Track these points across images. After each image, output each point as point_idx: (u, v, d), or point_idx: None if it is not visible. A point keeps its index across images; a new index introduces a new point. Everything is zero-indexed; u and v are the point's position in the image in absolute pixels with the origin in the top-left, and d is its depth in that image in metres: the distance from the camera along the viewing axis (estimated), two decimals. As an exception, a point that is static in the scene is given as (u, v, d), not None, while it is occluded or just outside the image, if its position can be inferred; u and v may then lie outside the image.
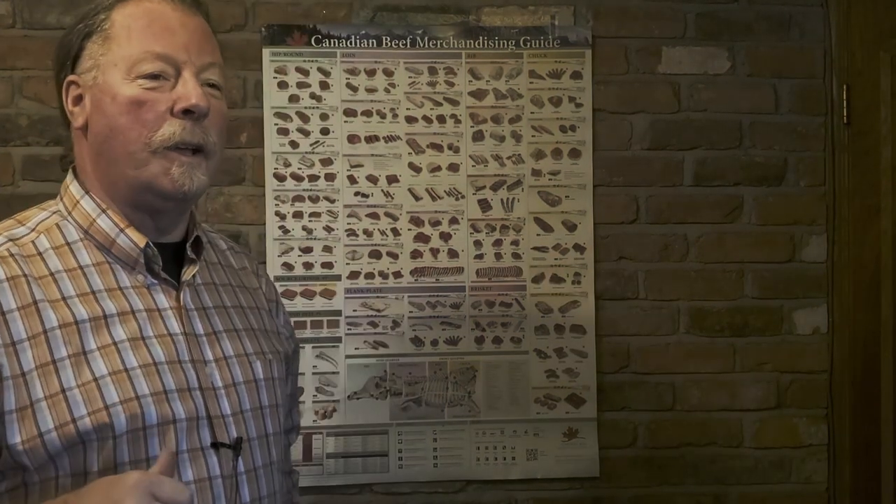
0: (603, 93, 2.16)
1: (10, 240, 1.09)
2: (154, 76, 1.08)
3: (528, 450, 2.13)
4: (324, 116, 2.11)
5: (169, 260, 1.15)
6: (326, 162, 2.11)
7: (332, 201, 2.11)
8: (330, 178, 2.11)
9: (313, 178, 2.11)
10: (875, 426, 2.11)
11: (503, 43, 2.14)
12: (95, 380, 1.03)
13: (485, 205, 2.14)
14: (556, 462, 2.13)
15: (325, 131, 2.11)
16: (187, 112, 1.08)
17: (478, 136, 2.14)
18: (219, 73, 1.15)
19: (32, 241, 1.10)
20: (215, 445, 1.10)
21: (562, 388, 2.14)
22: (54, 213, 1.15)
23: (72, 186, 1.17)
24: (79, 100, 1.13)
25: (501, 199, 2.14)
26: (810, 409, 2.20)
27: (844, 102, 2.17)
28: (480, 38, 2.14)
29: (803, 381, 2.20)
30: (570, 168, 2.15)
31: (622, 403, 2.16)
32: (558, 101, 2.15)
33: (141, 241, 1.11)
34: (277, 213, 2.09)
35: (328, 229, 2.11)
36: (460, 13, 2.15)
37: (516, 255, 2.14)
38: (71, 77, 1.13)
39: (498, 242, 2.14)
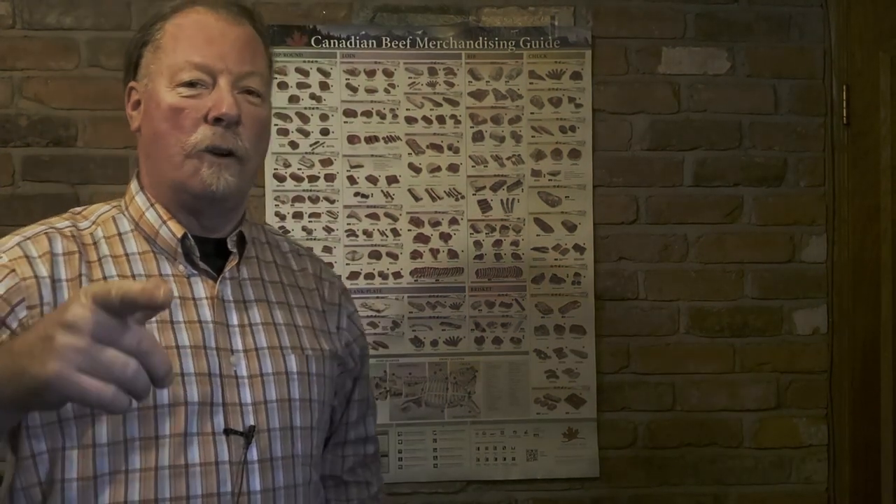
0: (603, 93, 2.16)
1: (74, 226, 1.20)
2: (191, 84, 1.15)
3: (528, 450, 2.13)
4: (324, 117, 2.11)
5: (214, 253, 1.21)
6: (326, 162, 2.11)
7: (332, 202, 2.11)
8: (330, 178, 2.11)
9: (313, 178, 2.11)
10: (875, 426, 2.11)
11: (503, 43, 2.14)
12: None
13: (485, 205, 2.14)
14: (556, 462, 2.13)
15: (324, 132, 2.11)
16: (218, 119, 1.14)
17: (478, 137, 2.14)
18: (258, 82, 1.19)
19: (91, 233, 1.19)
20: (227, 432, 1.12)
21: (562, 389, 2.14)
22: (114, 206, 1.24)
23: (132, 184, 1.25)
24: (137, 105, 1.22)
25: (501, 200, 2.14)
26: (810, 409, 2.20)
27: (844, 103, 2.17)
28: (480, 38, 2.14)
29: (803, 382, 2.20)
30: (570, 168, 2.15)
31: (622, 403, 2.16)
32: (558, 102, 2.15)
33: (179, 231, 1.18)
34: (277, 214, 2.09)
35: (328, 230, 2.11)
36: (460, 14, 2.15)
37: (516, 256, 2.14)
38: (131, 83, 1.22)
39: (498, 243, 2.14)
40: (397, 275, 2.12)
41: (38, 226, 1.18)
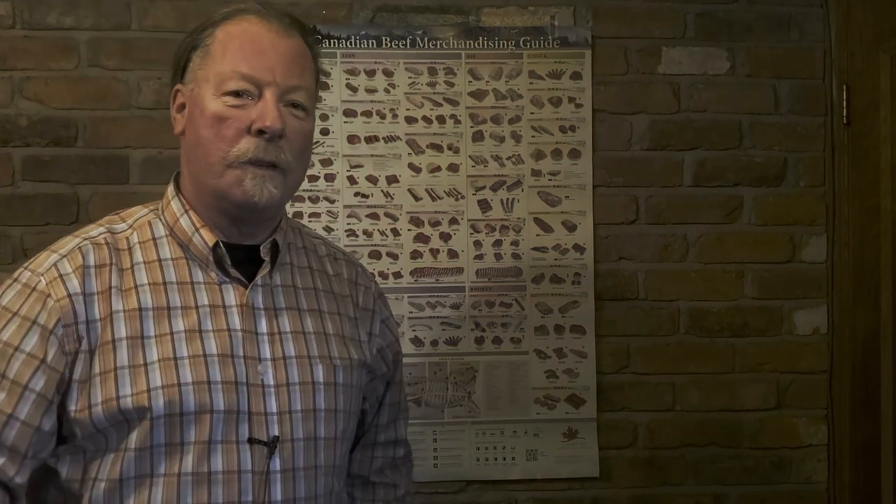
0: (603, 93, 2.16)
1: (110, 231, 1.21)
2: (237, 94, 1.15)
3: (527, 450, 2.13)
4: (324, 117, 2.11)
5: (248, 260, 1.22)
6: (326, 162, 2.11)
7: (332, 202, 2.11)
8: (330, 178, 2.11)
9: (313, 178, 2.11)
10: (875, 426, 2.11)
11: (503, 43, 2.14)
12: (145, 364, 1.12)
13: (485, 205, 2.14)
14: (555, 462, 2.13)
15: (324, 132, 2.11)
16: (261, 132, 1.14)
17: (477, 137, 2.14)
18: (304, 96, 1.21)
19: (126, 237, 1.21)
20: (250, 441, 1.14)
21: (562, 389, 2.14)
22: (152, 210, 1.25)
23: (169, 187, 1.25)
24: (182, 108, 1.22)
25: (501, 200, 2.14)
26: (810, 409, 2.20)
27: (844, 102, 2.17)
28: (480, 38, 2.14)
29: (803, 382, 2.20)
30: (570, 168, 2.15)
31: (622, 403, 2.16)
32: (558, 102, 2.15)
33: (211, 240, 1.19)
34: (277, 214, 2.09)
35: (328, 230, 2.11)
36: (460, 13, 2.15)
37: (516, 256, 2.14)
38: (178, 86, 1.22)
39: (498, 243, 2.14)
40: (397, 275, 2.12)
41: (73, 238, 1.19)
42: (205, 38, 1.19)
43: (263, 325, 1.19)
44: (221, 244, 1.19)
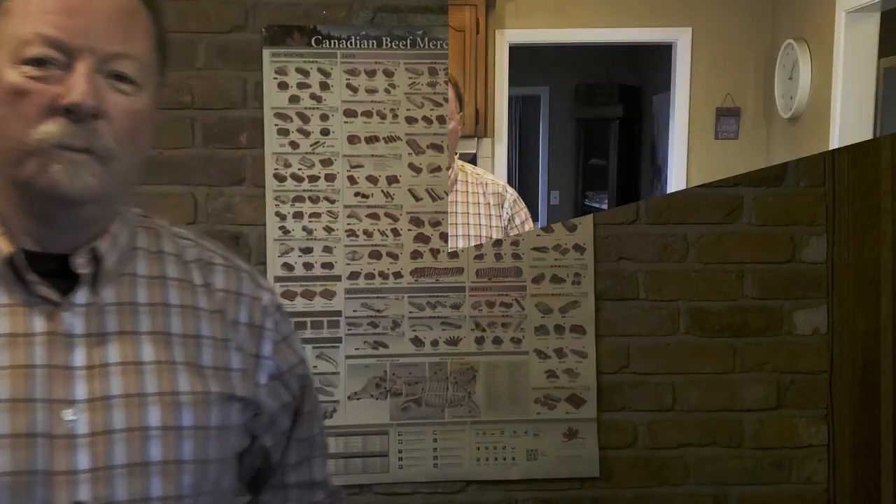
0: (603, 93, 2.16)
1: None
2: (39, 62, 0.89)
3: (528, 450, 2.13)
4: (324, 117, 2.11)
5: (64, 274, 0.96)
6: (326, 162, 2.11)
7: (333, 202, 2.12)
8: (330, 178, 2.12)
9: (313, 178, 2.11)
10: (875, 426, 2.11)
11: (503, 43, 2.14)
12: None
13: (485, 205, 2.14)
14: (556, 462, 2.14)
15: (325, 132, 2.11)
16: (69, 110, 0.89)
17: (478, 137, 2.14)
18: (132, 66, 0.93)
19: None
20: None
21: (562, 389, 2.14)
22: None
23: None
24: None
25: (501, 200, 2.14)
26: (810, 409, 2.20)
27: (844, 103, 2.17)
28: (480, 38, 2.14)
29: (803, 382, 2.20)
30: (570, 168, 2.15)
31: (622, 403, 2.16)
32: (558, 102, 2.15)
33: (7, 248, 0.93)
34: (277, 214, 2.10)
35: (328, 230, 2.11)
36: (460, 14, 2.15)
37: (516, 256, 2.14)
38: None
39: (498, 243, 2.14)
40: (397, 275, 2.12)
41: None
42: None
43: (79, 358, 0.93)
44: (23, 254, 0.93)
